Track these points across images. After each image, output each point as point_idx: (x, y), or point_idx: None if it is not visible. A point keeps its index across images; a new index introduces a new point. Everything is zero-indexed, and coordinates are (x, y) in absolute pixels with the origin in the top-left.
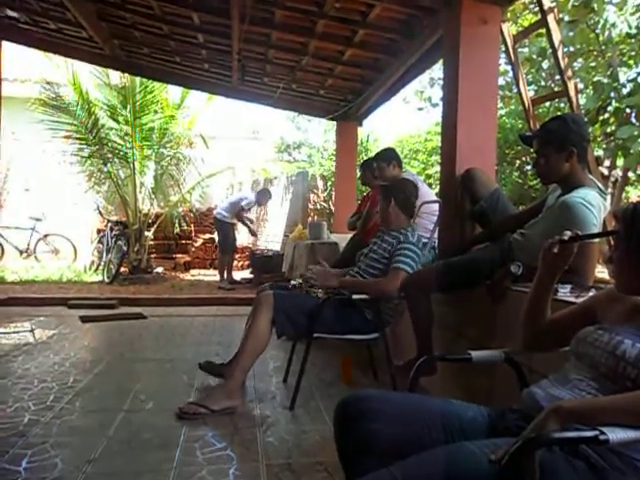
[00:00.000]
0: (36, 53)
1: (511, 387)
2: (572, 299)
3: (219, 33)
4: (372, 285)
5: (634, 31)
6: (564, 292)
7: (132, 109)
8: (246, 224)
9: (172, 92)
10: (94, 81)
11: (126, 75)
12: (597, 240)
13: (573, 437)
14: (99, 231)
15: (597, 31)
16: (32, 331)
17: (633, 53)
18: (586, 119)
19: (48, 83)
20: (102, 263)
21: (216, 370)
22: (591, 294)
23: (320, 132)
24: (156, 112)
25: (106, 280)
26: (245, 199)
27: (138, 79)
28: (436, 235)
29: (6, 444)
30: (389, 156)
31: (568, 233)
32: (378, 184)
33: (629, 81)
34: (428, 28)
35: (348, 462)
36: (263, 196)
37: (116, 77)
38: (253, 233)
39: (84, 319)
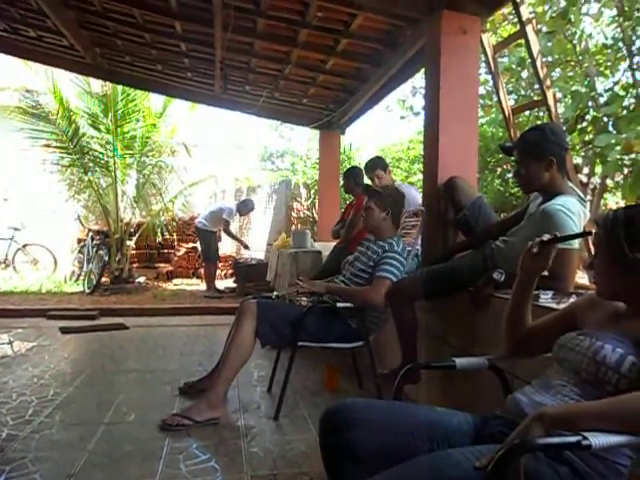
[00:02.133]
0: (15, 61)
1: (495, 393)
2: (554, 305)
3: (202, 42)
4: (358, 293)
5: (610, 42)
6: (546, 298)
7: (113, 117)
8: (236, 238)
9: (154, 100)
10: (75, 89)
11: (107, 83)
12: (577, 246)
13: (557, 443)
14: (80, 241)
15: (574, 42)
16: (10, 343)
17: (609, 63)
18: (565, 127)
19: (28, 91)
20: (83, 273)
21: (197, 387)
22: (572, 300)
23: (303, 141)
24: (138, 120)
25: (87, 290)
26: (226, 209)
27: (120, 87)
28: (419, 243)
29: None
30: (383, 163)
31: (547, 235)
32: (372, 190)
33: (606, 91)
34: (410, 38)
35: (333, 472)
36: (244, 206)
37: (97, 85)
38: (245, 246)
39: (64, 330)
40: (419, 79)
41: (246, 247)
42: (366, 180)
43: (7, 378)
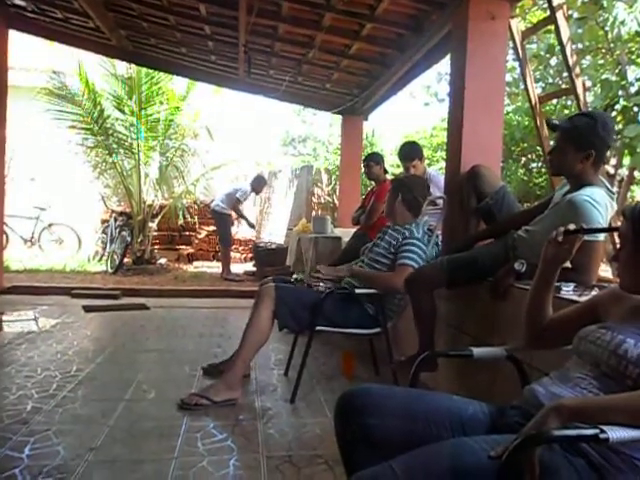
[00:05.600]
0: (42, 42)
1: (512, 384)
2: (575, 297)
3: (226, 25)
4: (381, 278)
5: None
6: (567, 290)
7: (138, 100)
8: (243, 216)
9: (178, 83)
10: (100, 71)
11: (132, 66)
12: (602, 238)
13: (573, 435)
14: (103, 221)
15: (606, 29)
16: (36, 320)
17: None
18: None
19: (54, 72)
20: (106, 253)
21: (219, 369)
22: (594, 293)
23: (325, 126)
24: (162, 103)
25: (109, 270)
26: (239, 190)
27: (144, 70)
28: (439, 231)
29: (9, 431)
30: (420, 152)
31: (573, 225)
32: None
33: (637, 80)
34: (436, 23)
35: (348, 455)
36: (258, 183)
37: (122, 67)
38: (251, 225)
39: (87, 309)
40: (444, 65)
41: (252, 226)
42: (396, 169)
43: (32, 353)
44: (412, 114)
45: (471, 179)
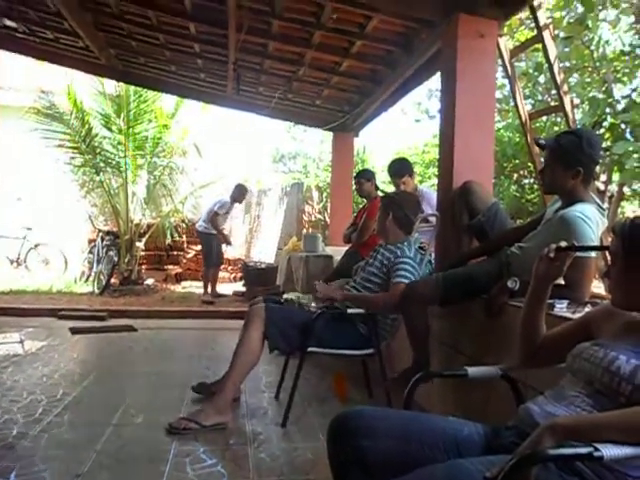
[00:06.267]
0: (32, 62)
1: (507, 403)
2: (568, 314)
3: (215, 43)
4: (375, 299)
5: (628, 49)
6: (560, 307)
7: (126, 118)
8: (219, 231)
9: (166, 101)
10: (89, 90)
11: (121, 84)
12: (594, 255)
13: (568, 454)
14: (90, 241)
15: (592, 48)
16: (21, 342)
17: (627, 70)
18: None
19: (43, 92)
20: (92, 274)
21: (209, 390)
22: (587, 309)
23: (316, 143)
24: (150, 121)
25: (96, 291)
26: (217, 202)
27: (132, 88)
28: (433, 249)
29: None
30: (409, 168)
31: (564, 243)
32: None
33: (623, 97)
34: (426, 41)
35: (341, 479)
36: (238, 192)
37: (111, 86)
38: (226, 240)
39: (74, 331)
40: (435, 81)
41: (228, 243)
42: (388, 185)
43: (18, 377)
44: (403, 130)
45: (463, 195)
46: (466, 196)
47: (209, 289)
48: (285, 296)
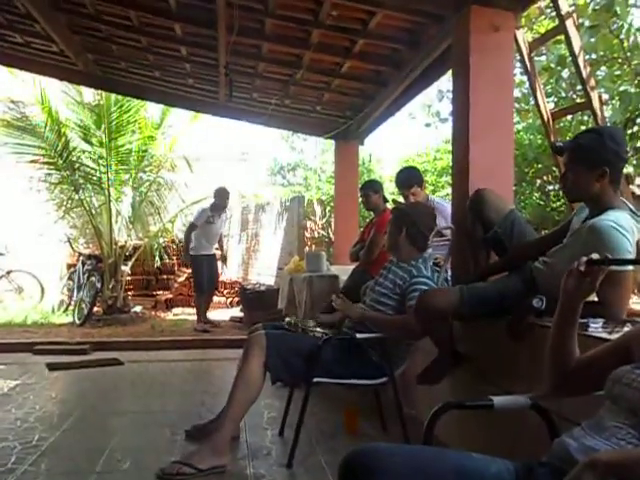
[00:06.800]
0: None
1: (539, 437)
2: (605, 335)
3: (204, 45)
4: (397, 322)
5: None
6: (595, 327)
7: (107, 129)
8: (186, 247)
9: (151, 111)
10: (65, 99)
11: (101, 92)
12: (631, 268)
13: None
14: (69, 266)
15: (621, 37)
16: None
17: None
18: None
19: (13, 102)
20: (73, 302)
21: (205, 431)
22: (626, 329)
23: (317, 152)
24: (134, 132)
25: (77, 322)
26: (196, 213)
27: (113, 96)
28: (449, 265)
29: None
30: (419, 178)
31: (596, 255)
32: (391, 207)
33: None
34: (435, 37)
35: None
36: (218, 196)
37: (90, 95)
38: (186, 257)
39: (52, 367)
40: (446, 81)
41: (186, 259)
42: (397, 197)
43: None
44: (412, 136)
45: (474, 206)
46: (478, 206)
47: (201, 317)
48: (287, 319)
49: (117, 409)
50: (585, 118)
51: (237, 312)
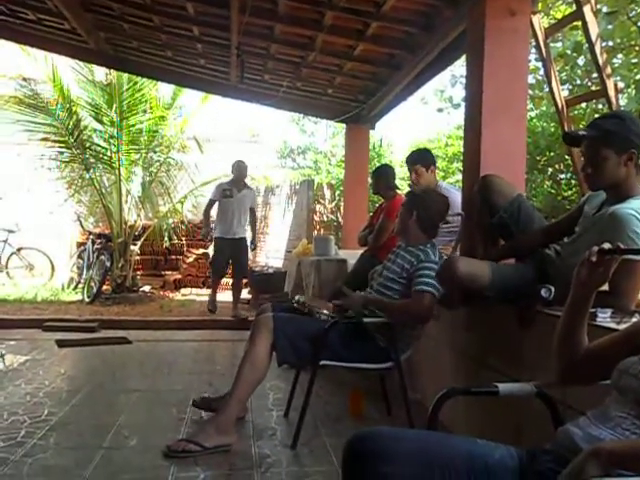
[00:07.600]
0: (12, 46)
1: (544, 425)
2: (613, 325)
3: (216, 25)
4: (401, 307)
5: None
6: (604, 317)
7: (118, 109)
8: (206, 221)
9: (163, 90)
10: (76, 78)
11: (112, 71)
12: None
13: None
14: (79, 245)
15: (639, 24)
16: (2, 357)
17: None
18: None
19: (25, 79)
20: (82, 280)
21: (213, 405)
22: (635, 319)
23: (328, 136)
24: (145, 112)
25: (86, 300)
26: (212, 192)
27: (125, 76)
28: (457, 253)
29: None
30: (426, 159)
31: (608, 244)
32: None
33: None
34: (450, 20)
35: None
36: (237, 169)
37: (101, 73)
38: (205, 234)
39: (61, 343)
40: (459, 67)
41: (205, 235)
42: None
43: None
44: (424, 121)
45: (481, 191)
46: (485, 191)
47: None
48: (297, 297)
49: (125, 387)
50: (599, 106)
51: (245, 294)
